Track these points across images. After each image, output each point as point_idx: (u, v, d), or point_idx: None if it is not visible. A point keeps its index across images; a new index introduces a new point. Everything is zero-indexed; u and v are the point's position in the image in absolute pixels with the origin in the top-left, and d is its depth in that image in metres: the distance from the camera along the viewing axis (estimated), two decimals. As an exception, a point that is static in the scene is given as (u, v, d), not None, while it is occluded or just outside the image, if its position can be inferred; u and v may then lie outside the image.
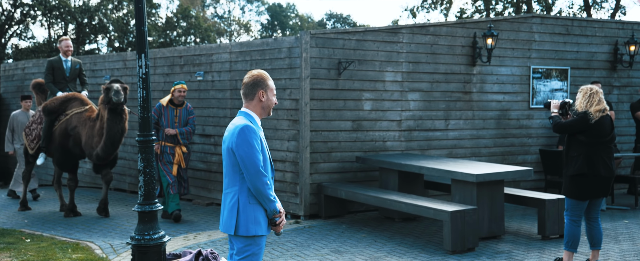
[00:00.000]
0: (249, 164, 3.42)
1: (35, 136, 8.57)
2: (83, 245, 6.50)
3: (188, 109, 7.94)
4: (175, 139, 7.80)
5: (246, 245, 3.52)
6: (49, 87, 8.53)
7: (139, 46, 4.19)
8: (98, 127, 7.76)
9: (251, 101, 3.60)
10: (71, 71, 8.62)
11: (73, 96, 8.31)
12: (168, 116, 7.81)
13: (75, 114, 8.10)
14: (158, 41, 30.66)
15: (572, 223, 5.49)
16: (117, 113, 7.57)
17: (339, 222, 7.62)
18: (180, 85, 7.83)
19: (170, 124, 7.80)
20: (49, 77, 8.53)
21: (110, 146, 7.67)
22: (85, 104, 8.22)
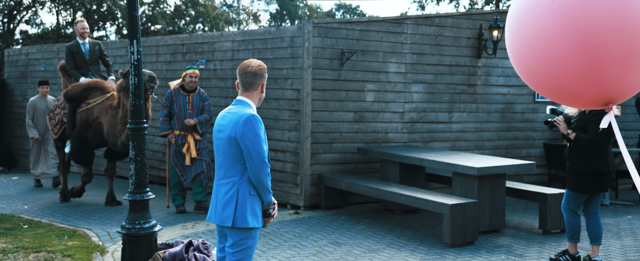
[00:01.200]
0: (255, 155, 3.36)
1: (58, 121, 8.42)
2: (80, 232, 6.49)
3: (202, 95, 7.55)
4: (193, 128, 7.45)
5: (243, 238, 3.45)
6: (72, 73, 8.30)
7: (131, 32, 4.13)
8: (121, 116, 7.43)
9: (253, 90, 3.53)
10: (91, 53, 8.32)
11: (95, 83, 8.06)
12: (180, 102, 7.41)
13: (97, 104, 7.88)
14: (167, 29, 30.64)
15: (573, 215, 5.49)
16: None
17: (338, 213, 7.58)
18: (192, 70, 7.45)
19: (182, 112, 7.42)
20: (71, 63, 8.26)
21: None
22: (106, 92, 7.94)
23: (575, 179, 5.43)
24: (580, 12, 3.00)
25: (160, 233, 6.39)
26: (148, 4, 29.95)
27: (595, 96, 3.22)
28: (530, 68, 3.31)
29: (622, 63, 3.08)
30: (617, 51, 3.05)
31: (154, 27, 29.94)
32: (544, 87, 3.37)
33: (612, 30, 3.01)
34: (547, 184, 8.65)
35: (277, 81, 7.98)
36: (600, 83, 3.14)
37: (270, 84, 8.01)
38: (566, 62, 3.09)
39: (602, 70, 3.07)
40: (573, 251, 5.57)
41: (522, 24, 3.24)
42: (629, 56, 3.07)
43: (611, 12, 2.99)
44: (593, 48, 3.02)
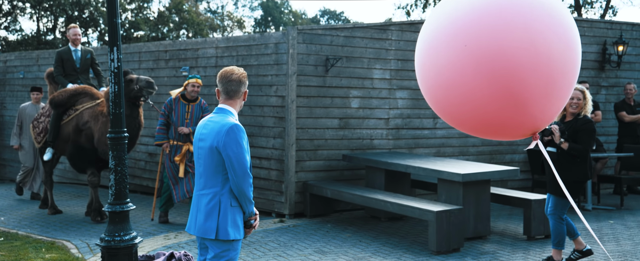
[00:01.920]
0: (237, 165, 3.29)
1: (42, 130, 8.11)
2: (59, 244, 6.36)
3: (202, 105, 7.32)
4: (187, 137, 7.23)
5: (224, 250, 3.38)
6: (59, 80, 7.99)
7: (111, 39, 4.05)
8: None
9: (236, 98, 3.47)
10: (82, 61, 8.03)
11: (83, 89, 7.79)
12: (179, 111, 7.22)
13: (86, 109, 7.59)
14: (150, 35, 30.45)
15: (560, 222, 5.52)
16: (134, 107, 7.15)
17: (324, 221, 7.53)
18: (195, 79, 7.22)
19: (180, 121, 7.21)
20: (59, 70, 7.96)
21: (129, 144, 7.19)
22: (96, 98, 7.68)
23: (566, 186, 5.44)
24: (496, 55, 3.04)
25: (142, 245, 6.29)
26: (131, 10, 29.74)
27: (521, 130, 3.33)
28: (451, 112, 3.35)
29: (542, 98, 3.17)
30: (537, 88, 3.11)
31: (137, 33, 29.72)
32: (468, 127, 3.44)
33: (530, 69, 3.05)
34: (530, 190, 8.68)
35: (261, 87, 7.92)
36: (525, 119, 3.24)
37: (255, 91, 7.96)
38: (490, 105, 3.14)
39: (524, 108, 3.15)
40: (558, 258, 5.59)
41: (436, 67, 3.25)
42: (548, 91, 3.15)
43: (526, 52, 3.03)
44: (514, 89, 3.07)
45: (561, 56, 3.18)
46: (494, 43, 3.05)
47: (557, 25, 3.18)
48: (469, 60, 3.07)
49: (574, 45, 3.30)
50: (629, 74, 10.11)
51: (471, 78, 3.10)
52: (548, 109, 3.26)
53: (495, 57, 3.05)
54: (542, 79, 3.10)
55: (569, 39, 3.26)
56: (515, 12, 3.09)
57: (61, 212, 8.10)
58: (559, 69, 3.18)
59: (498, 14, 3.09)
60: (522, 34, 3.05)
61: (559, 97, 3.28)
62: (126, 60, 9.84)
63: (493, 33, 3.06)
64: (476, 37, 3.07)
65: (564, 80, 3.25)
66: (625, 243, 6.56)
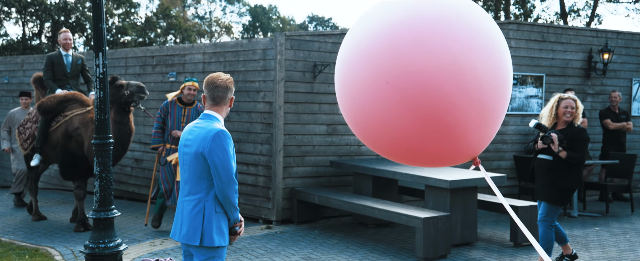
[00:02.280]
0: (222, 172, 3.26)
1: (28, 136, 7.89)
2: (43, 250, 6.28)
3: (198, 109, 7.17)
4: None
5: (209, 257, 3.35)
6: (48, 85, 7.80)
7: (97, 44, 4.02)
8: None
9: (222, 105, 3.45)
10: (72, 66, 7.86)
11: (73, 95, 7.59)
12: (175, 115, 7.08)
13: (76, 115, 7.40)
14: (137, 41, 30.31)
15: (550, 229, 5.56)
16: (125, 113, 7.01)
17: (311, 228, 7.50)
18: (191, 82, 7.10)
19: (176, 125, 7.07)
20: (49, 74, 7.77)
21: (120, 150, 7.05)
22: (86, 105, 7.48)
23: (557, 193, 5.49)
24: (423, 90, 2.87)
25: (127, 251, 6.22)
26: (118, 15, 29.58)
27: (459, 158, 3.23)
28: (381, 146, 3.21)
29: (477, 127, 3.04)
30: (470, 119, 2.97)
31: (124, 38, 29.56)
32: (400, 159, 3.32)
33: (461, 101, 2.89)
34: (517, 197, 8.72)
35: (249, 93, 7.90)
36: (461, 149, 3.12)
37: (242, 97, 7.93)
38: (423, 141, 3.01)
39: (460, 140, 3.03)
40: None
41: (359, 103, 3.07)
42: (482, 119, 3.03)
43: (455, 83, 2.86)
44: (447, 123, 2.93)
45: (492, 80, 2.98)
46: (419, 78, 2.83)
47: (484, 48, 2.98)
48: (395, 97, 2.87)
49: (504, 65, 3.09)
50: (614, 82, 10.21)
51: (399, 116, 2.92)
52: (484, 136, 3.12)
53: (422, 92, 2.85)
54: (475, 109, 2.93)
55: (499, 61, 3.04)
56: (437, 41, 2.86)
57: (45, 218, 7.99)
58: (491, 94, 3.00)
59: (419, 45, 2.85)
60: (448, 67, 2.82)
61: (494, 122, 3.14)
62: (113, 65, 9.77)
63: (416, 67, 2.82)
64: (398, 74, 2.84)
65: (497, 104, 3.08)
66: (611, 249, 6.60)
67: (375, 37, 2.99)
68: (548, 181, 5.53)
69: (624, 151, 9.73)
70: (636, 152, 10.14)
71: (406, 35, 2.90)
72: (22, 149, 8.06)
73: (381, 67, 2.90)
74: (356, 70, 3.04)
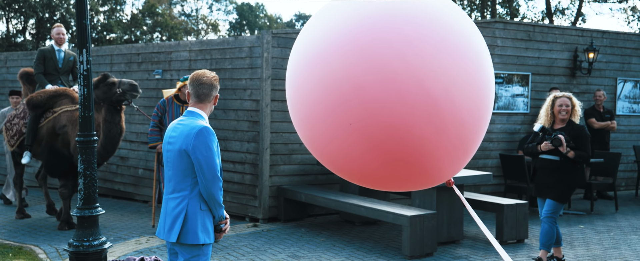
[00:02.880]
0: (206, 169, 3.24)
1: (15, 132, 7.69)
2: (26, 248, 6.21)
3: None
4: None
5: (194, 255, 3.33)
6: (38, 79, 7.59)
7: (81, 41, 3.98)
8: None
9: (207, 102, 3.42)
10: (64, 62, 7.69)
11: (64, 91, 7.38)
12: (173, 113, 6.90)
13: (64, 112, 7.19)
14: (123, 38, 30.08)
15: (554, 225, 5.69)
16: (116, 112, 6.83)
17: (298, 226, 7.49)
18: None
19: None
20: (40, 68, 7.57)
21: (110, 149, 6.92)
22: (76, 102, 7.23)
23: (562, 191, 5.62)
24: (392, 132, 2.43)
25: (112, 250, 6.17)
26: (103, 12, 29.34)
27: (431, 185, 2.96)
28: (349, 177, 2.93)
29: (454, 161, 2.71)
30: (447, 156, 2.62)
31: (110, 35, 29.33)
32: (370, 186, 3.05)
33: (437, 140, 2.48)
34: (503, 195, 8.77)
35: (235, 91, 7.87)
36: (435, 181, 2.87)
37: (229, 95, 7.90)
38: (393, 180, 2.72)
39: (434, 176, 2.74)
40: (545, 258, 5.77)
41: (318, 138, 2.70)
42: (459, 154, 2.69)
43: (430, 124, 2.43)
44: (420, 165, 2.59)
45: (474, 113, 2.55)
46: (387, 122, 2.37)
47: (465, 75, 2.48)
48: (359, 139, 2.45)
49: (487, 87, 2.63)
50: (599, 81, 10.30)
51: (366, 159, 2.52)
52: (459, 166, 2.79)
53: (391, 137, 2.41)
54: (452, 147, 2.54)
55: (482, 84, 2.58)
56: (408, 77, 2.33)
57: (29, 216, 7.89)
58: (472, 128, 2.61)
59: (386, 83, 2.33)
60: (423, 108, 2.33)
61: (472, 151, 2.80)
62: (98, 62, 9.68)
63: (385, 110, 2.33)
64: (363, 116, 2.37)
65: (475, 135, 2.68)
66: (595, 247, 6.66)
67: (331, 60, 2.45)
68: (555, 180, 5.63)
69: (608, 149, 9.82)
70: (620, 150, 10.25)
71: (368, 66, 2.35)
72: (9, 145, 7.88)
73: (342, 105, 2.41)
74: (311, 98, 2.57)
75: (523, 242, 6.82)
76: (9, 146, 7.93)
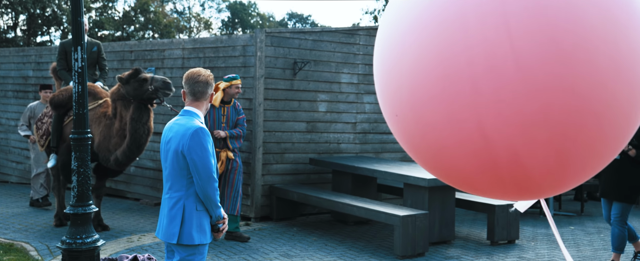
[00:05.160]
0: (202, 169, 3.24)
1: (44, 131, 7.28)
2: (18, 246, 6.17)
3: (237, 107, 6.66)
4: (222, 142, 6.53)
5: (189, 255, 3.33)
6: (62, 75, 7.17)
7: (76, 38, 3.96)
8: (118, 127, 6.45)
9: (203, 100, 3.42)
10: (87, 54, 7.08)
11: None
12: (214, 115, 6.50)
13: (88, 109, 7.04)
14: (114, 35, 29.94)
15: (624, 227, 5.62)
16: (145, 110, 6.36)
17: (290, 225, 7.49)
18: (237, 80, 6.56)
19: (216, 124, 6.50)
20: (62, 63, 7.14)
21: (135, 150, 6.42)
22: (98, 98, 6.89)
23: (627, 191, 5.52)
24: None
25: (104, 247, 6.15)
26: (96, 9, 29.19)
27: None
28: (442, 176, 2.70)
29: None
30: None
31: (102, 33, 29.19)
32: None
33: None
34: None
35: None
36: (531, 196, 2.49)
37: (221, 93, 7.88)
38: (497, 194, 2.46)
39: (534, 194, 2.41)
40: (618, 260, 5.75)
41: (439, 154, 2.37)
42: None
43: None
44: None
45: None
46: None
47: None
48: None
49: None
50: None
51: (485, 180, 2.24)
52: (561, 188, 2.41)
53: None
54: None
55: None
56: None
57: (66, 225, 7.19)
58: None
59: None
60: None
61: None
62: (90, 59, 9.63)
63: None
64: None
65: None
66: (585, 248, 6.71)
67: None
68: (616, 180, 5.54)
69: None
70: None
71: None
72: (39, 145, 7.45)
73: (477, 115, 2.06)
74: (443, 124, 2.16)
75: (514, 243, 6.86)
76: (39, 146, 7.49)
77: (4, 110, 11.10)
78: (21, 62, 10.80)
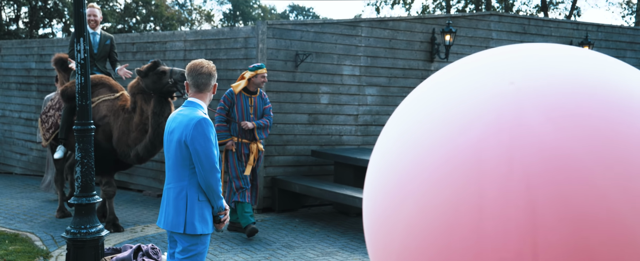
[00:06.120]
0: (204, 160, 3.26)
1: (51, 125, 7.12)
2: (22, 236, 6.22)
3: (263, 97, 6.50)
4: (251, 134, 6.43)
5: (192, 244, 3.37)
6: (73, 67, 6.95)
7: (78, 30, 3.98)
8: (137, 121, 6.32)
9: (206, 91, 3.45)
10: (100, 46, 6.93)
11: (100, 79, 6.74)
12: (242, 105, 6.35)
13: (103, 101, 6.61)
14: (116, 27, 29.94)
15: None
16: (166, 104, 6.18)
17: (292, 216, 7.53)
18: (264, 69, 6.36)
19: (244, 116, 6.35)
20: (74, 54, 6.68)
21: (158, 145, 6.25)
22: (115, 90, 6.73)
23: None
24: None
25: (108, 237, 6.20)
26: (98, 2, 29.19)
27: None
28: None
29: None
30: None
31: (103, 25, 29.19)
32: None
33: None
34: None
35: (230, 82, 7.87)
36: None
37: (224, 85, 7.90)
38: None
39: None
40: None
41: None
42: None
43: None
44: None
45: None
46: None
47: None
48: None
49: None
50: (592, 75, 10.37)
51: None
52: None
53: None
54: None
55: None
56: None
57: (70, 215, 7.18)
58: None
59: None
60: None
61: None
62: (92, 51, 9.65)
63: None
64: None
65: None
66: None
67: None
68: None
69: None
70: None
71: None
72: (44, 139, 7.29)
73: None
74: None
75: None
76: (43, 140, 7.34)
77: (7, 102, 11.13)
78: (24, 55, 10.82)
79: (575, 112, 1.59)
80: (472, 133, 1.65)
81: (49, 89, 10.25)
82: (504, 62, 1.81)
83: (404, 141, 1.85)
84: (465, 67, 1.90)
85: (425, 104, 1.86)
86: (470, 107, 1.70)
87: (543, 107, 1.60)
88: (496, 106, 1.65)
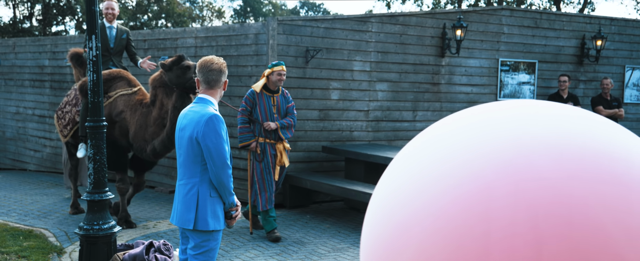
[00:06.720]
0: (216, 156, 3.28)
1: (68, 121, 7.03)
2: (36, 232, 6.29)
3: (285, 95, 6.36)
4: (276, 134, 6.31)
5: (204, 240, 3.39)
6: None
7: (90, 27, 4.00)
8: (156, 116, 6.21)
9: (217, 88, 3.46)
10: (116, 40, 6.84)
11: (118, 73, 6.64)
12: (264, 105, 6.20)
13: (120, 96, 6.51)
14: (128, 24, 30.08)
15: None
16: (188, 99, 6.02)
17: (303, 212, 7.54)
18: (280, 66, 6.20)
19: (268, 116, 6.22)
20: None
21: (174, 140, 5.98)
22: (133, 85, 6.63)
23: None
24: None
25: (121, 234, 6.25)
26: (109, -1, 29.36)
27: None
28: None
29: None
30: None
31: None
32: None
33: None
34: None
35: (241, 78, 7.89)
36: None
37: (235, 82, 7.92)
38: None
39: None
40: None
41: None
42: None
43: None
44: None
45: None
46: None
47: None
48: None
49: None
50: (607, 69, 10.26)
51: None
52: None
53: None
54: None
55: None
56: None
57: (83, 211, 7.23)
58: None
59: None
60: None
61: None
62: (104, 49, 9.71)
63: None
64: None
65: None
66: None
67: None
68: None
69: (614, 137, 9.81)
70: (626, 139, 10.23)
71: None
72: (62, 136, 7.19)
73: None
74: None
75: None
76: (61, 137, 7.27)
77: (21, 99, 11.24)
78: (37, 52, 10.91)
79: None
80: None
81: (62, 86, 10.34)
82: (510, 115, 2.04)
83: (414, 184, 2.03)
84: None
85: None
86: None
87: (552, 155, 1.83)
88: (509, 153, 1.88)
